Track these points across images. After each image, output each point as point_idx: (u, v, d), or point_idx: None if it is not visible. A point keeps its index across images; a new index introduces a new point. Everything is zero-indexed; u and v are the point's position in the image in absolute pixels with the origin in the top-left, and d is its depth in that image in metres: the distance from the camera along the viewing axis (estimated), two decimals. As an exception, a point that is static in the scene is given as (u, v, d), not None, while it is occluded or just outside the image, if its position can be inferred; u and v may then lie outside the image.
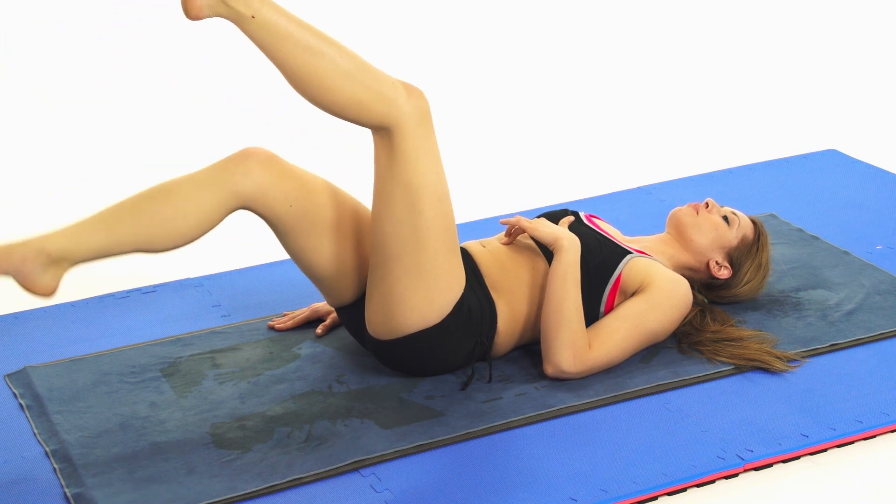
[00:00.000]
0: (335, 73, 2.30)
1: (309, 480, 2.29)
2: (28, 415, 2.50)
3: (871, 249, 3.13)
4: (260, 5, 2.26)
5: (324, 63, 2.29)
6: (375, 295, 2.48)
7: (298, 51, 2.28)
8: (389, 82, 2.35)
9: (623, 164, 3.88)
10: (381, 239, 2.42)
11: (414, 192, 2.38)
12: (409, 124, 2.35)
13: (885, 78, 4.65)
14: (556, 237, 2.57)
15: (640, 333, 2.59)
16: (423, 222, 2.39)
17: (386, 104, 2.34)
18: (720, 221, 2.78)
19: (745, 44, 5.04)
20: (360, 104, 2.33)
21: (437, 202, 2.40)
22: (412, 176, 2.38)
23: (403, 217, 2.39)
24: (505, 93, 4.56)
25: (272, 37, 2.28)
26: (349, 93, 2.31)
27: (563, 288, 2.53)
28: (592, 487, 2.26)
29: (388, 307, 2.47)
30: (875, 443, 2.44)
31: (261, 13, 2.26)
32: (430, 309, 2.46)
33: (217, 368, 2.64)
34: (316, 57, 2.29)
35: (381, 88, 2.33)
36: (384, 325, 2.50)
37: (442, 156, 2.47)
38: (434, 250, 2.42)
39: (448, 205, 2.43)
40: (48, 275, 2.35)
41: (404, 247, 2.41)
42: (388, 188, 2.39)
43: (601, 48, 5.03)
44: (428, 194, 2.39)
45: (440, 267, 2.43)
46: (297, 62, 2.29)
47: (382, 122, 2.35)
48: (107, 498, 2.24)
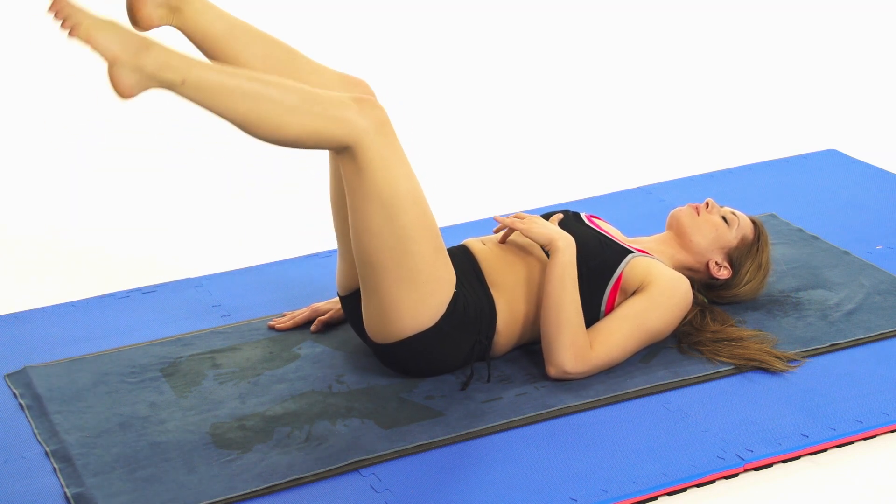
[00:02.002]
0: (281, 111, 2.27)
1: (309, 480, 2.29)
2: (28, 415, 2.50)
3: (871, 249, 3.13)
4: (188, 69, 2.23)
5: (268, 106, 2.27)
6: (369, 303, 2.48)
7: (239, 101, 2.25)
8: (339, 103, 2.32)
9: (623, 164, 3.88)
10: (365, 252, 2.42)
11: (388, 202, 2.36)
12: (368, 137, 2.33)
13: (885, 78, 4.65)
14: (551, 238, 2.56)
15: (642, 332, 2.59)
16: (402, 229, 2.38)
17: (340, 125, 2.31)
18: (720, 222, 2.78)
19: (745, 44, 5.04)
20: (315, 133, 2.30)
21: (412, 206, 2.38)
22: (383, 186, 2.35)
23: (382, 228, 2.38)
24: (505, 93, 4.56)
25: (209, 94, 2.25)
26: (300, 126, 2.29)
27: (562, 288, 2.53)
28: (592, 487, 2.26)
29: (382, 315, 2.47)
30: (875, 443, 2.44)
31: (190, 76, 2.23)
32: (423, 312, 2.46)
33: (217, 368, 2.64)
34: (258, 102, 2.26)
35: (331, 113, 2.30)
36: (380, 331, 2.50)
37: (438, 154, 2.47)
38: (419, 254, 2.41)
39: (424, 206, 2.41)
40: (160, 11, 2.33)
41: (389, 256, 2.40)
42: (362, 203, 2.37)
43: (602, 48, 5.03)
44: (402, 200, 2.37)
45: (428, 269, 2.43)
46: (241, 112, 2.26)
47: (342, 143, 2.33)
48: (107, 498, 2.24)
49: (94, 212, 3.57)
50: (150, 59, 2.21)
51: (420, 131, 4.10)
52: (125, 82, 2.23)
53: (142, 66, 2.22)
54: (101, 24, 2.20)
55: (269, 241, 3.35)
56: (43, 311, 2.90)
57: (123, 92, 2.25)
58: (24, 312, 2.89)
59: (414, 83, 4.61)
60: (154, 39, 2.23)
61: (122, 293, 2.98)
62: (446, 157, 3.97)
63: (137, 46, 2.21)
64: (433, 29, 5.23)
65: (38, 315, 2.88)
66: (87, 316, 2.88)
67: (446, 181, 3.74)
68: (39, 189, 3.73)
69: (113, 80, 2.23)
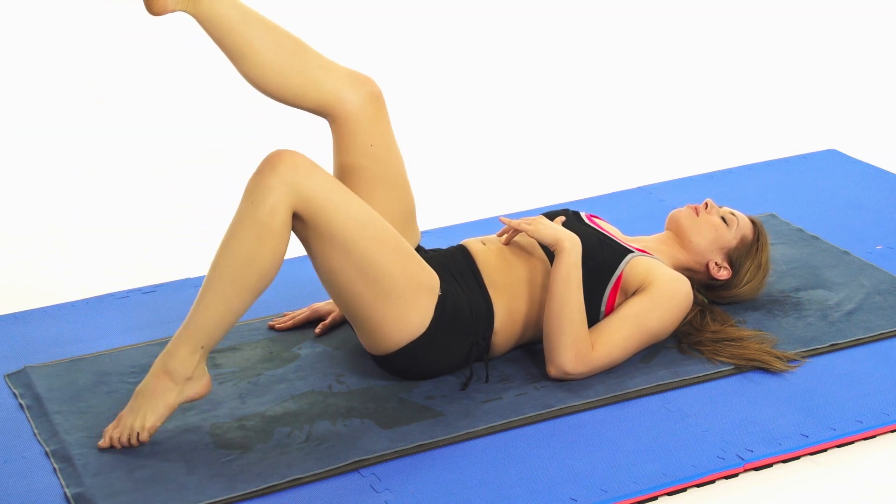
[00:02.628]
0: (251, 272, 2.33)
1: (309, 480, 2.29)
2: (28, 415, 2.50)
3: (871, 249, 3.13)
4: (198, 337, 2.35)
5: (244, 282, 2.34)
6: (355, 326, 2.50)
7: (237, 306, 2.35)
8: (262, 186, 2.31)
9: (623, 164, 3.88)
10: (336, 290, 2.43)
11: (338, 239, 2.35)
12: (297, 193, 2.31)
13: (885, 78, 4.65)
14: (558, 238, 2.56)
15: (642, 333, 2.59)
16: (361, 259, 2.37)
17: (276, 211, 2.30)
18: (719, 222, 2.78)
19: (745, 44, 5.04)
20: (276, 238, 2.32)
21: (362, 230, 2.37)
22: (329, 224, 2.34)
23: (343, 264, 2.38)
24: (506, 93, 4.56)
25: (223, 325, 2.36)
26: (267, 255, 2.33)
27: (566, 289, 2.53)
28: (592, 487, 2.26)
29: (372, 334, 2.48)
30: (875, 443, 2.44)
31: (200, 338, 2.35)
32: (410, 322, 2.46)
33: (217, 368, 2.64)
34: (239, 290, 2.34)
35: (261, 216, 2.30)
36: (372, 346, 2.51)
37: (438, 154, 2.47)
38: (387, 272, 2.40)
39: (374, 225, 2.39)
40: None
41: (358, 286, 2.40)
42: (318, 249, 2.37)
43: (602, 48, 5.03)
44: (351, 231, 2.36)
45: (402, 282, 2.42)
46: (245, 304, 2.37)
47: (291, 212, 2.33)
48: (107, 498, 2.24)
49: (95, 212, 3.57)
50: (177, 370, 2.35)
51: (421, 131, 4.10)
52: (198, 390, 2.38)
53: (185, 378, 2.36)
54: (137, 410, 2.36)
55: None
56: (43, 311, 2.90)
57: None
58: (24, 312, 2.89)
59: (415, 83, 4.61)
60: (159, 361, 2.36)
61: (122, 293, 2.98)
62: (447, 157, 3.97)
63: (164, 378, 2.35)
64: (434, 29, 5.23)
65: (38, 315, 2.88)
66: (87, 316, 2.88)
67: (446, 181, 3.74)
68: (39, 189, 3.73)
69: (193, 399, 2.39)
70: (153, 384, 2.35)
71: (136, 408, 2.35)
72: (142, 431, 2.34)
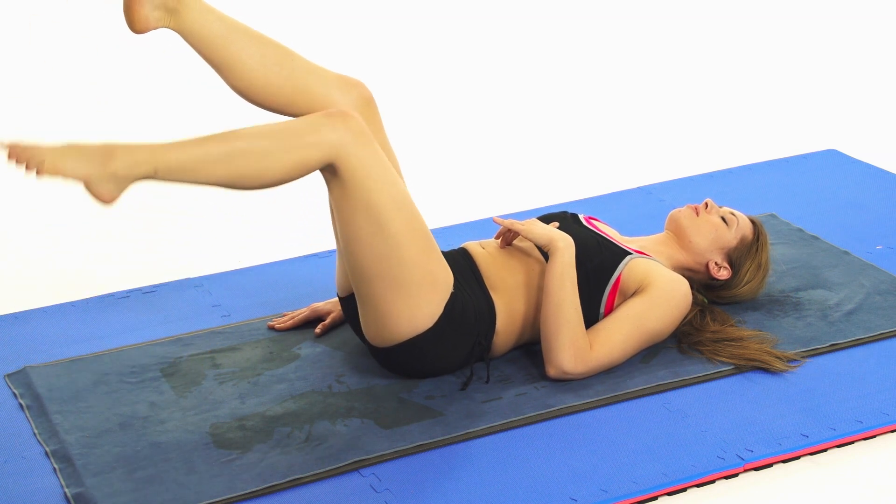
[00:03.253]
0: (257, 160, 2.28)
1: (309, 480, 2.29)
2: (28, 415, 2.50)
3: (871, 249, 3.13)
4: (155, 159, 2.24)
5: (242, 161, 2.28)
6: (365, 311, 2.49)
7: (214, 168, 2.27)
8: (309, 127, 2.32)
9: (623, 164, 3.88)
10: (356, 262, 2.42)
11: (374, 210, 2.36)
12: (345, 150, 2.33)
13: (885, 78, 4.65)
14: (551, 238, 2.56)
15: (642, 333, 2.59)
16: (391, 237, 2.38)
17: (317, 149, 2.31)
18: (719, 222, 2.78)
19: (745, 44, 5.04)
20: (297, 166, 2.31)
21: (398, 211, 2.38)
22: (367, 195, 2.35)
23: (372, 237, 2.38)
24: (505, 93, 4.56)
25: (184, 174, 2.27)
26: (281, 166, 2.30)
27: (561, 289, 2.53)
28: (592, 487, 2.26)
29: (379, 321, 2.47)
30: (875, 443, 2.44)
31: (160, 165, 2.25)
32: (420, 315, 2.46)
33: (217, 368, 2.64)
34: (232, 161, 2.28)
35: (304, 140, 2.31)
36: (378, 336, 2.50)
37: (438, 154, 2.47)
38: (410, 259, 2.41)
39: (410, 209, 2.41)
40: (156, 13, 2.33)
41: (380, 265, 2.40)
42: (349, 215, 2.38)
43: (602, 48, 5.03)
44: (388, 207, 2.37)
45: (421, 273, 2.43)
46: (220, 176, 2.28)
47: (325, 163, 2.34)
48: (107, 498, 2.24)
49: (95, 211, 3.57)
50: (118, 165, 2.23)
51: (419, 132, 4.10)
52: (104, 194, 2.25)
53: (113, 173, 2.23)
54: (61, 153, 2.22)
55: (269, 241, 3.35)
56: (43, 311, 2.90)
57: (106, 201, 2.26)
58: (24, 312, 2.89)
59: (413, 84, 4.61)
60: (114, 143, 2.25)
61: (122, 293, 2.98)
62: (446, 158, 3.97)
63: (102, 157, 2.23)
64: (432, 29, 5.23)
65: (38, 315, 2.88)
66: (87, 316, 2.88)
67: (445, 182, 3.74)
68: (39, 188, 3.73)
69: (92, 195, 2.25)
70: (91, 149, 2.24)
71: (60, 150, 2.23)
72: (44, 169, 2.21)
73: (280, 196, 3.64)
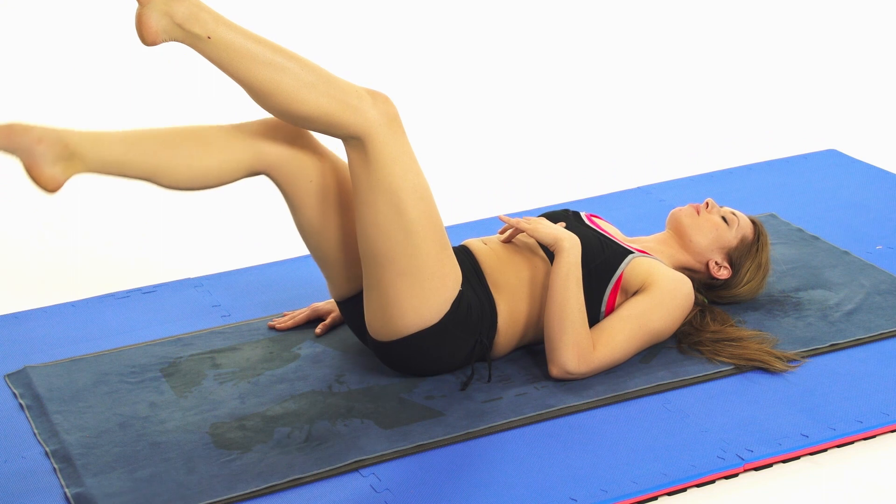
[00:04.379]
0: (299, 86, 2.29)
1: (309, 480, 2.29)
2: (28, 415, 2.50)
3: (871, 249, 3.13)
4: (215, 25, 2.24)
5: (286, 77, 2.28)
6: (371, 299, 2.48)
7: (259, 67, 2.27)
8: (354, 92, 2.34)
9: (623, 164, 3.88)
10: (370, 246, 2.42)
11: (395, 195, 2.37)
12: (379, 130, 2.34)
13: (885, 78, 4.65)
14: (557, 238, 2.57)
15: (644, 333, 2.59)
16: (409, 223, 2.39)
17: (353, 113, 2.32)
18: (720, 222, 2.78)
19: (745, 44, 5.04)
20: (328, 115, 2.32)
21: (419, 201, 2.39)
22: (391, 179, 2.36)
23: (389, 221, 2.38)
24: (506, 93, 4.56)
25: (231, 56, 2.26)
26: (315, 105, 2.30)
27: (566, 289, 2.53)
28: (592, 487, 2.26)
29: (386, 310, 2.47)
30: (875, 443, 2.44)
31: (216, 33, 2.25)
32: (427, 309, 2.46)
33: (217, 368, 2.64)
34: (278, 72, 2.28)
35: (346, 98, 2.32)
36: (383, 328, 2.50)
37: (439, 154, 2.47)
38: (424, 249, 2.41)
39: (431, 202, 2.42)
40: (58, 168, 2.28)
41: (394, 250, 2.40)
42: (369, 196, 2.38)
43: (602, 48, 5.03)
44: (409, 195, 2.38)
45: (433, 266, 2.43)
46: (259, 79, 2.28)
47: (352, 132, 2.34)
48: (107, 498, 2.24)
49: (95, 212, 3.57)
50: (181, 7, 2.22)
51: (421, 131, 4.10)
52: (153, 26, 2.23)
53: (172, 11, 2.22)
54: None
55: (269, 241, 3.35)
56: (43, 311, 2.90)
57: (148, 36, 2.24)
58: (24, 312, 2.89)
59: (415, 84, 4.61)
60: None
61: (122, 293, 2.98)
62: (447, 158, 3.97)
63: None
64: (435, 30, 5.23)
65: (38, 315, 2.89)
66: (87, 316, 2.88)
67: (448, 181, 3.74)
68: (39, 189, 3.73)
69: (140, 23, 2.22)
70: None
71: None
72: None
73: (280, 196, 3.64)
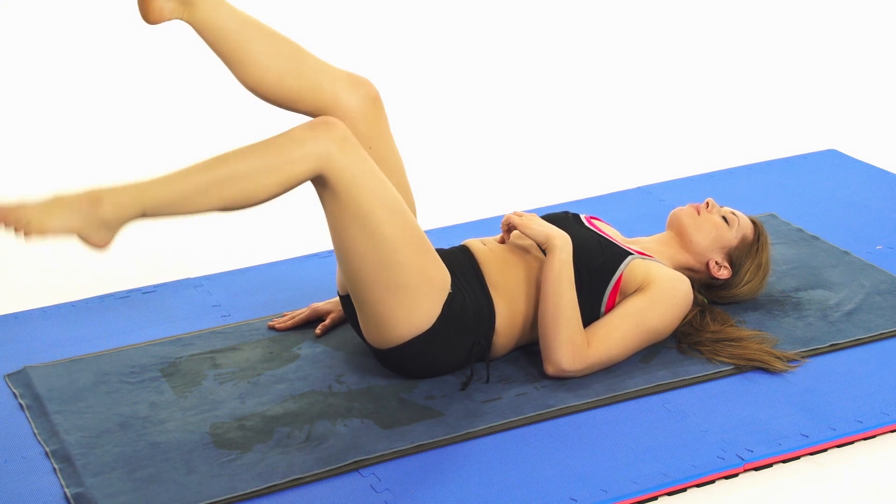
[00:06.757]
0: (244, 185, 2.27)
1: (309, 480, 2.29)
2: (28, 415, 2.50)
3: (871, 249, 3.13)
4: (141, 199, 2.23)
5: (229, 187, 2.27)
6: (363, 313, 2.49)
7: (202, 198, 2.26)
8: (293, 142, 2.31)
9: (623, 164, 3.88)
10: (351, 270, 2.42)
11: (366, 218, 2.36)
12: (331, 161, 2.31)
13: (885, 78, 4.64)
14: (548, 236, 2.56)
15: (641, 331, 2.59)
16: (384, 242, 2.38)
17: (303, 162, 2.30)
18: (720, 221, 2.78)
19: (745, 44, 5.04)
20: (286, 181, 2.31)
21: (390, 216, 2.38)
22: (358, 203, 2.35)
23: (365, 245, 2.38)
24: (506, 93, 4.56)
25: (174, 208, 2.26)
26: (268, 185, 2.29)
27: (559, 287, 2.53)
28: (592, 487, 2.26)
29: (378, 324, 2.47)
30: (875, 443, 2.44)
31: (147, 204, 2.24)
32: (418, 316, 2.46)
33: (217, 368, 2.64)
34: (219, 189, 2.26)
35: (290, 156, 2.30)
36: (378, 338, 2.51)
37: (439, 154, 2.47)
38: (405, 262, 2.41)
39: (401, 212, 2.40)
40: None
41: (376, 271, 2.40)
42: (341, 224, 2.38)
43: (602, 48, 5.03)
44: (379, 214, 2.36)
45: (417, 275, 2.43)
46: (210, 205, 2.28)
47: (313, 175, 2.33)
48: (107, 498, 2.24)
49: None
50: (106, 210, 2.22)
51: (421, 131, 4.10)
52: (98, 241, 2.24)
53: (102, 220, 2.22)
54: (46, 210, 2.20)
55: (269, 241, 3.35)
56: (43, 311, 2.90)
57: (100, 247, 2.25)
58: (24, 312, 2.89)
59: (414, 83, 4.61)
60: (98, 188, 2.23)
61: (122, 293, 2.98)
62: (447, 157, 3.97)
63: (89, 206, 2.21)
64: (434, 29, 5.23)
65: (38, 315, 2.88)
66: (87, 316, 2.88)
67: (447, 181, 3.74)
68: (39, 189, 3.73)
69: (87, 244, 2.24)
70: (76, 200, 2.22)
71: (45, 206, 2.21)
72: (32, 230, 2.19)
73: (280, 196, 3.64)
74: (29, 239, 2.18)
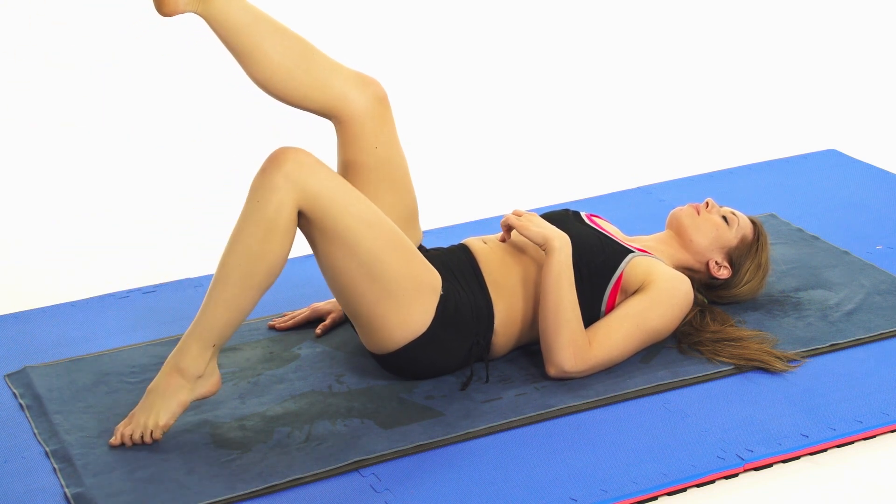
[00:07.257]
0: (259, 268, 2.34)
1: (309, 480, 2.29)
2: (28, 415, 2.50)
3: (871, 249, 3.13)
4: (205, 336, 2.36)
5: (254, 279, 2.34)
6: (357, 324, 2.50)
7: (246, 296, 2.36)
8: (262, 185, 2.33)
9: (623, 164, 3.88)
10: (338, 288, 2.43)
11: (344, 237, 2.36)
12: (302, 193, 2.32)
13: (885, 78, 4.65)
14: (547, 237, 2.56)
15: (642, 332, 2.59)
16: (367, 257, 2.38)
17: (282, 210, 2.32)
18: (720, 221, 2.78)
19: (745, 44, 5.04)
20: (284, 236, 2.35)
21: (368, 230, 2.37)
22: (335, 225, 2.35)
23: (348, 263, 2.38)
24: (506, 93, 4.56)
25: (230, 325, 2.36)
26: (275, 249, 2.34)
27: (559, 288, 2.53)
28: (592, 487, 2.26)
29: (373, 332, 2.48)
30: (875, 443, 2.44)
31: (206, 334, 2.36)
32: (411, 322, 2.46)
33: (217, 368, 2.64)
34: (249, 282, 2.34)
35: (263, 196, 2.33)
36: (375, 345, 2.51)
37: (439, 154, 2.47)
38: (392, 272, 2.41)
39: (379, 223, 2.40)
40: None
41: (363, 286, 2.40)
42: (321, 246, 2.38)
43: (602, 48, 5.03)
44: (357, 230, 2.36)
45: (405, 281, 2.43)
46: (254, 299, 2.37)
47: (298, 210, 2.34)
48: (107, 498, 2.24)
49: (94, 212, 3.57)
50: (189, 371, 2.36)
51: (422, 131, 4.10)
52: (210, 388, 2.40)
53: (194, 377, 2.37)
54: (149, 407, 2.37)
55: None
56: (43, 311, 2.90)
57: (215, 391, 2.41)
58: (24, 312, 2.89)
59: (415, 83, 4.61)
60: (171, 359, 2.36)
61: (122, 293, 2.98)
62: (447, 157, 3.97)
63: (178, 377, 2.36)
64: (434, 29, 5.23)
65: (38, 315, 2.88)
66: (87, 316, 2.88)
67: (447, 181, 3.74)
68: (39, 189, 3.73)
69: (202, 399, 2.41)
70: (165, 382, 2.35)
71: (148, 406, 2.36)
72: (155, 429, 2.36)
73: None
74: (158, 439, 2.37)
